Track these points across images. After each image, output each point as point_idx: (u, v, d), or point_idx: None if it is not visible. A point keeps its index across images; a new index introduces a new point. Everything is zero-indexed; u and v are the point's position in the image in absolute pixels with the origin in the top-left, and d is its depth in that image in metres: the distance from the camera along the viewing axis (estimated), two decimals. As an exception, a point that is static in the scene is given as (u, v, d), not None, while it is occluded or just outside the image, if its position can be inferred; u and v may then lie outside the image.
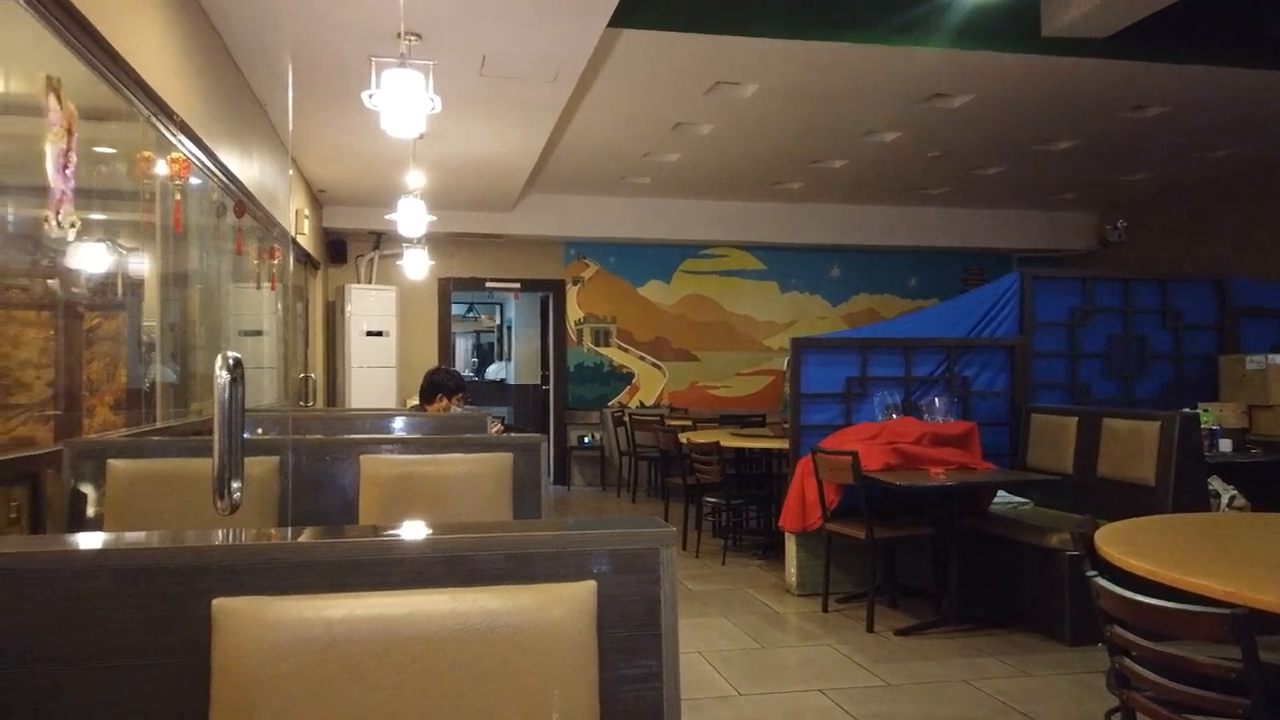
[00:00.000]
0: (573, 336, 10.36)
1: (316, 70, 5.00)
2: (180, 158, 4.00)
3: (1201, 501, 4.65)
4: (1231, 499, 4.91)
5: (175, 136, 3.89)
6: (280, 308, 6.89)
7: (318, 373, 8.84)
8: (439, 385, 5.02)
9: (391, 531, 1.33)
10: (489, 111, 5.82)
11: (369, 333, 9.01)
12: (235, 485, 1.57)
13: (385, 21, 4.25)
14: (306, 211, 7.80)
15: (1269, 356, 5.81)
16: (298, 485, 2.65)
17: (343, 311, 9.06)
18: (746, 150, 7.71)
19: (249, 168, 5.24)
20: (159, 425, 3.96)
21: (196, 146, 4.16)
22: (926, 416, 5.36)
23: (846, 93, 6.13)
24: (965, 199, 9.91)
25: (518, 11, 4.25)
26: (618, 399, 10.42)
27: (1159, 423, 4.72)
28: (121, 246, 3.94)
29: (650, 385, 10.50)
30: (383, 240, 9.64)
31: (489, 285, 10.43)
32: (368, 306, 9.09)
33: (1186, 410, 5.12)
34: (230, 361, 1.54)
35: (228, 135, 4.72)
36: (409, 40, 4.34)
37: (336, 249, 9.66)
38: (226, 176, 4.79)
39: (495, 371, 13.76)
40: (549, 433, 10.33)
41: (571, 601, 1.21)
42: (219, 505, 1.56)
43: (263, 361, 6.61)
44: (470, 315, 14.04)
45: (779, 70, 5.67)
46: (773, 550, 6.40)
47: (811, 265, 10.87)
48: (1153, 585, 2.16)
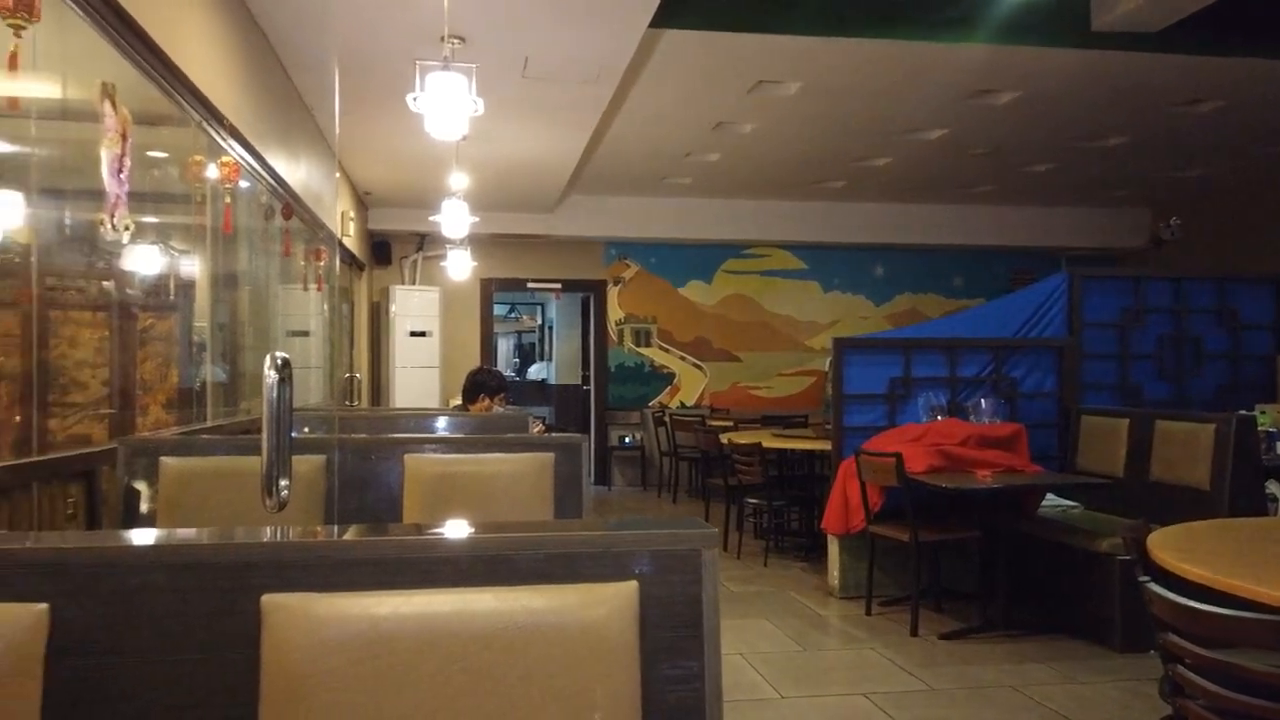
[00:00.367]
0: (613, 337, 10.38)
1: (362, 74, 5.06)
2: (230, 161, 4.08)
3: (1258, 506, 4.53)
4: (1290, 503, 4.78)
5: (225, 141, 3.97)
6: (326, 308, 7.00)
7: (363, 373, 8.96)
8: (481, 385, 5.06)
9: (435, 530, 1.34)
10: (531, 113, 5.86)
11: (413, 333, 9.11)
12: (283, 483, 1.60)
13: (429, 25, 4.29)
14: (352, 213, 7.91)
15: (1330, 357, 5.64)
16: (343, 483, 2.68)
17: (387, 312, 9.17)
18: (788, 149, 7.66)
19: (296, 171, 5.32)
20: (209, 424, 4.04)
21: (246, 150, 4.23)
22: (972, 418, 5.28)
23: (890, 90, 6.06)
24: (1012, 197, 9.75)
25: (560, 13, 4.27)
26: (658, 399, 10.41)
27: (1214, 425, 4.61)
28: (173, 248, 4.03)
29: (691, 385, 10.48)
30: (426, 241, 9.74)
31: (530, 286, 10.49)
32: (411, 307, 9.19)
33: (1243, 412, 4.98)
34: (279, 362, 1.56)
35: (276, 139, 4.81)
36: (453, 43, 4.38)
37: (381, 250, 9.78)
38: (274, 179, 4.87)
39: (536, 371, 13.84)
40: (590, 433, 10.37)
41: (614, 601, 1.21)
42: (267, 503, 1.59)
43: (309, 361, 6.72)
44: (512, 315, 14.15)
45: (822, 68, 5.62)
46: (815, 552, 6.35)
47: (854, 265, 10.77)
48: (1207, 591, 2.11)
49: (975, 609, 4.96)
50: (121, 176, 2.79)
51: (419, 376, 9.07)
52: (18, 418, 2.76)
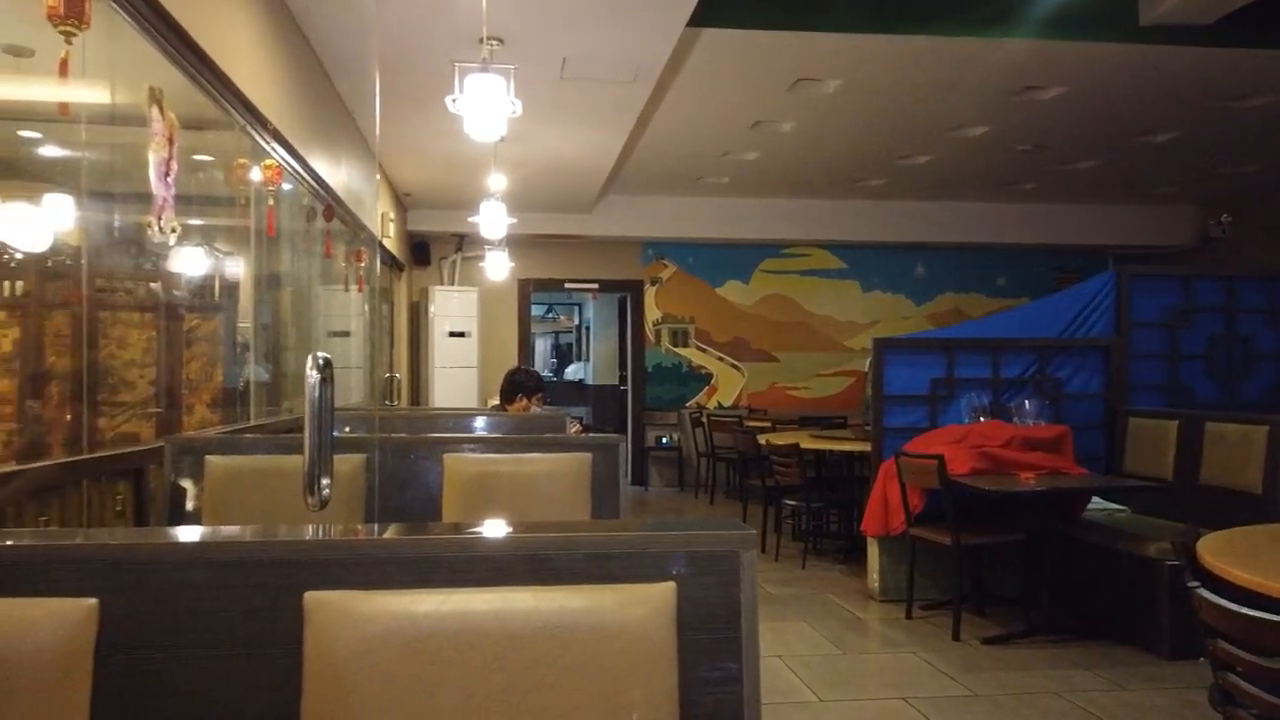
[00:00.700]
0: (651, 337, 10.37)
1: (402, 77, 5.11)
2: (273, 164, 4.14)
3: (1313, 511, 4.41)
4: (1347, 509, 4.64)
5: (269, 144, 4.03)
6: (367, 309, 7.08)
7: (402, 373, 9.05)
8: (519, 385, 5.08)
9: (474, 529, 1.35)
10: (569, 113, 5.87)
11: (451, 333, 9.19)
12: (325, 482, 1.61)
13: (468, 27, 4.32)
14: (392, 215, 7.99)
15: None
16: (384, 482, 2.71)
17: (426, 312, 9.26)
18: (828, 147, 7.60)
19: (337, 173, 5.39)
20: (252, 423, 4.10)
21: (288, 153, 4.29)
22: (1016, 419, 5.20)
23: (932, 87, 5.99)
24: (1057, 194, 9.58)
25: (598, 14, 4.27)
26: (696, 399, 10.39)
27: (1267, 427, 4.49)
28: (218, 250, 4.10)
29: (729, 386, 10.45)
30: (465, 242, 9.82)
31: (568, 286, 10.52)
32: (450, 307, 9.27)
33: (1297, 414, 4.86)
34: (320, 362, 1.58)
35: (318, 142, 4.87)
36: (491, 45, 4.40)
37: (420, 251, 9.87)
38: (316, 182, 4.93)
39: (574, 372, 13.89)
40: (627, 433, 10.37)
41: (651, 602, 1.21)
42: (309, 501, 1.60)
43: (350, 362, 6.80)
44: (549, 316, 14.21)
45: (862, 65, 5.57)
46: (854, 555, 6.30)
47: (895, 264, 10.66)
48: (1259, 597, 2.06)
49: (1019, 614, 4.88)
50: (168, 180, 2.84)
51: (457, 376, 9.14)
52: (69, 416, 2.83)
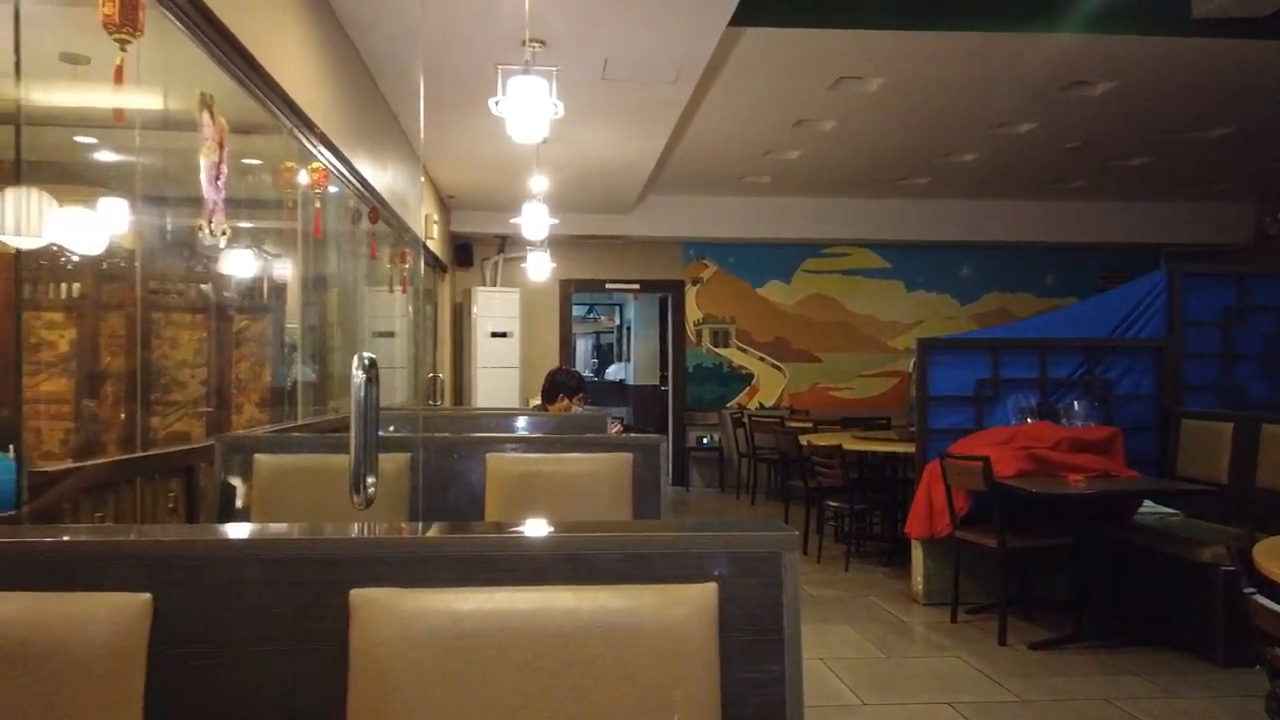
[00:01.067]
0: (691, 337, 10.36)
1: (446, 80, 5.17)
2: (320, 167, 4.20)
3: (1377, 516, 4.27)
4: None
5: (316, 147, 4.09)
6: (411, 310, 7.16)
7: (445, 373, 9.14)
8: (560, 385, 5.10)
9: (516, 528, 1.36)
10: (610, 114, 5.89)
11: (494, 334, 9.26)
12: (370, 481, 1.63)
13: (511, 30, 4.36)
14: (435, 216, 8.07)
15: None
16: (427, 481, 2.74)
17: (469, 313, 9.34)
18: (870, 146, 7.53)
19: (382, 176, 5.46)
20: (300, 422, 4.17)
21: (335, 156, 4.36)
22: (1064, 421, 5.11)
23: (977, 83, 5.90)
24: (1106, 191, 9.39)
25: (639, 15, 4.28)
26: (737, 400, 10.35)
27: (1327, 430, 4.36)
28: (266, 252, 4.18)
29: (770, 386, 10.39)
30: (507, 243, 9.89)
31: (609, 286, 10.54)
32: (493, 308, 9.35)
33: (1359, 416, 4.71)
34: (366, 362, 1.60)
35: (363, 145, 4.94)
36: (533, 47, 4.43)
37: (463, 252, 9.96)
38: (362, 184, 5.00)
39: (615, 372, 13.90)
40: (668, 433, 10.36)
41: (693, 603, 1.21)
42: (355, 499, 1.63)
43: (395, 362, 6.88)
44: (590, 316, 14.24)
45: (905, 62, 5.51)
46: (897, 557, 6.23)
47: (939, 263, 10.53)
48: (1321, 606, 2.00)
49: (1067, 618, 4.78)
50: (219, 183, 2.90)
51: (500, 377, 9.21)
52: (123, 415, 2.90)
